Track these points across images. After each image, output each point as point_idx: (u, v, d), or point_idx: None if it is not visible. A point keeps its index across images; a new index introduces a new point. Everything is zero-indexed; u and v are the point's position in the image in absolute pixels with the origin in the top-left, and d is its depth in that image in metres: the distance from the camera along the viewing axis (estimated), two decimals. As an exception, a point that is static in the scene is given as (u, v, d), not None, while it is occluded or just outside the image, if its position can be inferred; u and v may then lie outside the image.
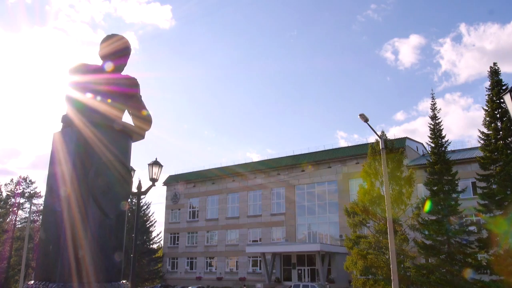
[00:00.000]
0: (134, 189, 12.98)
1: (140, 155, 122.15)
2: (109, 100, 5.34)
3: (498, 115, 29.05)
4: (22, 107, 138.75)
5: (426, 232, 29.01)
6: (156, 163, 12.92)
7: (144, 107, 5.78)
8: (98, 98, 5.28)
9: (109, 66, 5.58)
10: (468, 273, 26.46)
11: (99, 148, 5.03)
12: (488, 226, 28.17)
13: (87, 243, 4.67)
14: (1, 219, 64.44)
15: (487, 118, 29.41)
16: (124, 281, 5.05)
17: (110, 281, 4.80)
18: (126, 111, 5.68)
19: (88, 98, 5.23)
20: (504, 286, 25.59)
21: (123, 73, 5.75)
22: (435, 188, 29.34)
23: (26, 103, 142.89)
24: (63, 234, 4.62)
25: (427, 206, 27.25)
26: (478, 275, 28.34)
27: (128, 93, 5.63)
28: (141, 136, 5.69)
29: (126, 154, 5.42)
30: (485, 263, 27.91)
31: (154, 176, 12.80)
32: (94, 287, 4.57)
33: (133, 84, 5.69)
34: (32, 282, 4.76)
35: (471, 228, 29.90)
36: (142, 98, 5.84)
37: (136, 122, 5.67)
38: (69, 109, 5.25)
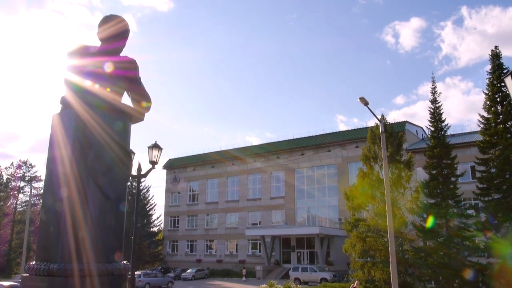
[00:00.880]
0: (134, 172, 13.01)
1: (139, 139, 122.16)
2: (108, 83, 5.31)
3: (498, 99, 28.96)
4: (20, 91, 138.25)
5: (425, 216, 29.17)
6: (155, 146, 12.92)
7: (143, 89, 5.76)
8: (97, 80, 5.24)
9: (108, 48, 5.53)
10: (468, 274, 26.57)
11: (98, 130, 5.01)
12: (486, 209, 28.31)
13: (88, 224, 4.70)
14: (2, 203, 64.78)
15: (488, 102, 29.33)
16: (125, 262, 5.09)
17: (111, 261, 4.84)
18: (125, 93, 5.65)
19: (86, 81, 5.20)
20: (501, 268, 25.82)
21: (122, 54, 5.71)
22: (434, 171, 29.41)
23: (25, 87, 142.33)
24: (63, 216, 4.64)
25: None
26: (475, 257, 28.62)
27: (127, 76, 5.60)
28: (141, 118, 5.67)
29: (125, 135, 5.41)
30: (482, 246, 28.15)
31: (154, 159, 12.82)
32: (95, 267, 4.60)
33: (132, 66, 5.65)
34: (33, 263, 4.80)
35: (470, 211, 30.06)
36: (141, 80, 5.81)
37: (136, 104, 5.65)
38: (68, 92, 5.22)
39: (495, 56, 29.54)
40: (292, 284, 36.83)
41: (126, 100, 5.66)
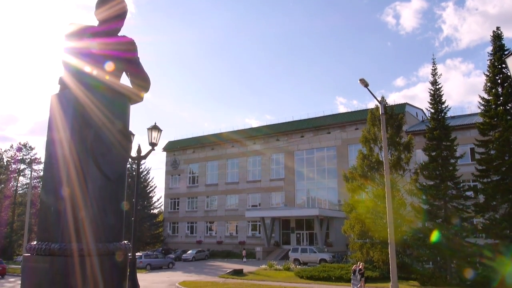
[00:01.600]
0: (134, 153, 13.03)
1: (138, 122, 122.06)
2: (107, 64, 5.28)
3: (499, 81, 28.81)
4: (18, 73, 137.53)
5: (424, 197, 29.31)
6: (155, 128, 12.90)
7: (142, 70, 5.72)
8: (95, 62, 5.21)
9: (106, 29, 5.47)
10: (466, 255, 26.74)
11: (97, 111, 5.00)
12: (484, 191, 28.42)
13: (88, 204, 4.71)
14: (3, 185, 65.00)
15: (488, 84, 29.18)
16: (125, 241, 5.13)
17: (111, 241, 4.87)
18: (124, 73, 5.62)
19: (84, 62, 5.16)
20: (498, 249, 26.06)
21: (120, 34, 5.66)
22: (434, 153, 29.44)
23: (23, 69, 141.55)
24: (63, 196, 4.65)
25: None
26: (473, 238, 28.86)
27: (125, 57, 5.57)
28: (140, 98, 5.65)
29: (124, 116, 5.40)
30: (480, 227, 28.36)
31: (154, 141, 12.82)
32: (96, 247, 4.64)
33: (130, 47, 5.61)
34: (35, 243, 4.83)
35: (468, 193, 30.18)
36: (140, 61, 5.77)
37: (134, 85, 5.63)
38: (66, 74, 5.19)
39: (497, 37, 29.28)
40: (292, 264, 37.20)
41: (125, 81, 5.63)
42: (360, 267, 24.96)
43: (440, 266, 28.34)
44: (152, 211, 66.48)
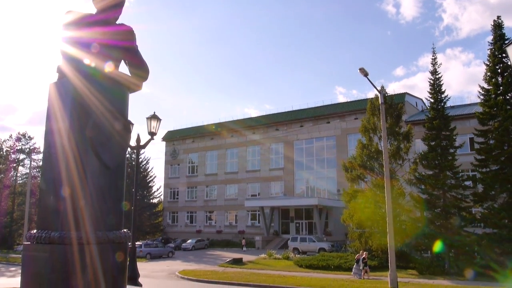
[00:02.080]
0: (133, 143, 13.02)
1: (137, 111, 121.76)
2: (105, 53, 5.25)
3: (499, 70, 28.74)
4: (17, 63, 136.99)
5: (423, 187, 29.39)
6: (154, 117, 12.88)
7: (140, 59, 5.70)
8: (93, 51, 5.18)
9: (104, 18, 5.43)
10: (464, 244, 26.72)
11: (95, 100, 4.98)
12: (483, 180, 28.49)
13: (87, 193, 4.72)
14: (2, 175, 65.04)
15: (488, 73, 29.11)
16: (125, 230, 5.14)
17: (111, 230, 4.89)
18: (122, 62, 5.60)
19: (83, 51, 5.13)
20: (496, 238, 26.20)
21: (118, 22, 5.62)
22: (433, 143, 29.46)
23: (21, 59, 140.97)
24: (62, 185, 4.66)
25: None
26: (471, 228, 29.00)
27: (124, 45, 5.54)
28: (138, 87, 5.64)
29: (123, 105, 5.38)
30: (479, 217, 28.47)
31: (153, 130, 12.80)
32: (95, 235, 4.65)
33: (129, 36, 5.57)
34: (34, 231, 4.85)
35: (467, 183, 30.26)
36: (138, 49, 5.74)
37: (133, 73, 5.60)
38: (64, 62, 5.17)
39: (497, 27, 29.15)
40: (291, 254, 37.41)
41: (124, 69, 5.61)
42: (364, 256, 25.14)
43: (438, 256, 28.50)
44: (151, 200, 66.67)
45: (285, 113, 57.34)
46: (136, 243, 15.09)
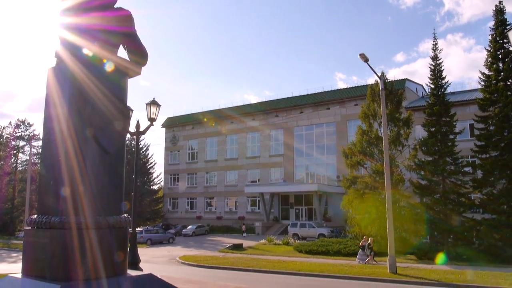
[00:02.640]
0: (133, 129, 13.00)
1: (136, 98, 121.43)
2: (103, 38, 5.20)
3: (500, 56, 28.59)
4: (15, 50, 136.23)
5: (422, 173, 29.44)
6: (153, 103, 12.84)
7: (139, 43, 5.66)
8: (91, 36, 5.13)
9: (102, 3, 5.37)
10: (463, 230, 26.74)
11: (94, 85, 4.96)
12: (483, 166, 28.54)
13: (87, 178, 4.72)
14: (3, 162, 65.11)
15: (489, 59, 28.96)
16: (125, 215, 5.16)
17: (111, 214, 4.90)
18: (121, 47, 5.56)
19: (80, 37, 5.09)
20: (495, 224, 26.34)
21: (116, 5, 5.56)
22: (433, 129, 29.44)
23: (19, 46, 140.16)
24: (62, 170, 4.66)
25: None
26: (470, 213, 29.13)
27: (122, 31, 5.49)
28: (137, 72, 5.60)
29: (122, 90, 5.36)
30: (478, 203, 28.59)
31: (153, 116, 12.76)
32: (95, 220, 4.66)
33: (127, 21, 5.52)
34: (35, 216, 4.86)
35: (467, 169, 30.31)
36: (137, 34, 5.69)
37: (132, 58, 5.56)
38: (62, 48, 5.12)
39: (499, 12, 28.91)
40: (291, 239, 37.62)
41: (122, 54, 5.57)
42: (369, 241, 25.28)
43: (437, 241, 28.67)
44: (152, 187, 66.84)
45: (285, 99, 57.18)
46: (136, 229, 15.17)
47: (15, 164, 68.47)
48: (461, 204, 28.24)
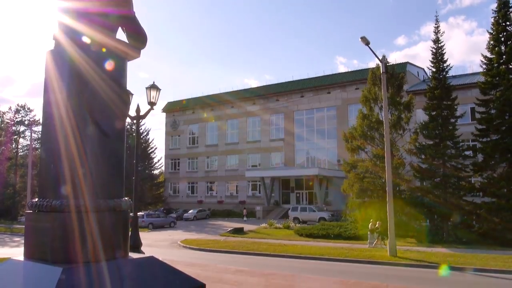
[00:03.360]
0: (133, 113, 12.96)
1: (136, 83, 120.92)
2: (101, 21, 5.15)
3: (502, 39, 28.38)
4: (14, 34, 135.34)
5: (423, 156, 29.46)
6: (153, 87, 12.77)
7: (138, 25, 5.60)
8: (90, 19, 5.08)
9: None
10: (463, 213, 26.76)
11: (93, 68, 4.92)
12: (483, 150, 28.54)
13: (88, 161, 4.72)
14: (3, 147, 65.22)
15: (491, 42, 28.75)
16: (126, 198, 5.16)
17: (112, 197, 4.90)
18: (120, 29, 5.50)
19: (79, 20, 5.03)
20: (495, 207, 26.45)
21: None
22: (434, 113, 29.38)
23: (18, 30, 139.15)
24: (62, 153, 4.65)
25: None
26: (470, 197, 29.23)
27: (121, 13, 5.43)
28: (136, 55, 5.55)
29: (121, 72, 5.32)
30: (478, 186, 28.65)
31: (153, 100, 12.71)
32: (96, 203, 4.67)
33: (126, 4, 5.45)
34: (36, 200, 4.87)
35: (467, 152, 30.32)
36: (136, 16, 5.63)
37: (131, 41, 5.51)
38: (60, 32, 5.07)
39: (502, -7, 28.59)
40: (291, 223, 37.84)
41: (121, 37, 5.52)
42: (377, 225, 25.40)
43: (436, 224, 28.84)
44: (153, 171, 67.05)
45: (286, 83, 56.95)
46: (138, 213, 15.24)
47: (16, 149, 68.59)
48: (461, 187, 28.32)
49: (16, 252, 18.77)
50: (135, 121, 13.43)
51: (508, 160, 27.17)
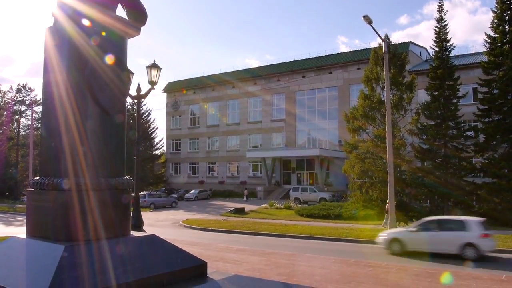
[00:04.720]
0: (134, 92, 12.90)
1: (136, 63, 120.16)
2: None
3: (506, 18, 28.06)
4: (12, 12, 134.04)
5: (424, 137, 29.42)
6: (154, 66, 12.67)
7: (138, 2, 5.51)
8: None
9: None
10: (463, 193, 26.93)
11: (92, 46, 4.86)
12: (485, 130, 28.48)
13: (88, 139, 4.70)
14: (5, 127, 65.25)
15: (495, 21, 28.43)
16: (127, 177, 5.16)
17: (113, 176, 4.90)
18: (119, 6, 5.41)
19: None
20: (495, 187, 26.53)
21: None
22: (436, 93, 29.26)
23: (17, 9, 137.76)
24: (62, 132, 4.63)
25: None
26: (471, 178, 29.28)
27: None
28: (136, 32, 5.48)
29: (121, 50, 5.25)
30: (479, 167, 28.69)
31: (153, 79, 12.62)
32: (97, 181, 4.67)
33: None
34: (37, 178, 4.87)
35: (469, 133, 30.26)
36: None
37: (131, 17, 5.43)
38: (59, 8, 4.99)
39: (507, -29, 28.15)
40: (292, 203, 38.04)
41: (121, 13, 5.44)
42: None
43: (437, 205, 28.97)
44: (154, 152, 67.15)
45: (287, 63, 56.53)
46: (139, 193, 15.31)
47: (17, 129, 68.63)
48: (462, 168, 28.37)
49: (21, 231, 18.95)
50: (136, 101, 13.36)
51: (510, 140, 27.14)
